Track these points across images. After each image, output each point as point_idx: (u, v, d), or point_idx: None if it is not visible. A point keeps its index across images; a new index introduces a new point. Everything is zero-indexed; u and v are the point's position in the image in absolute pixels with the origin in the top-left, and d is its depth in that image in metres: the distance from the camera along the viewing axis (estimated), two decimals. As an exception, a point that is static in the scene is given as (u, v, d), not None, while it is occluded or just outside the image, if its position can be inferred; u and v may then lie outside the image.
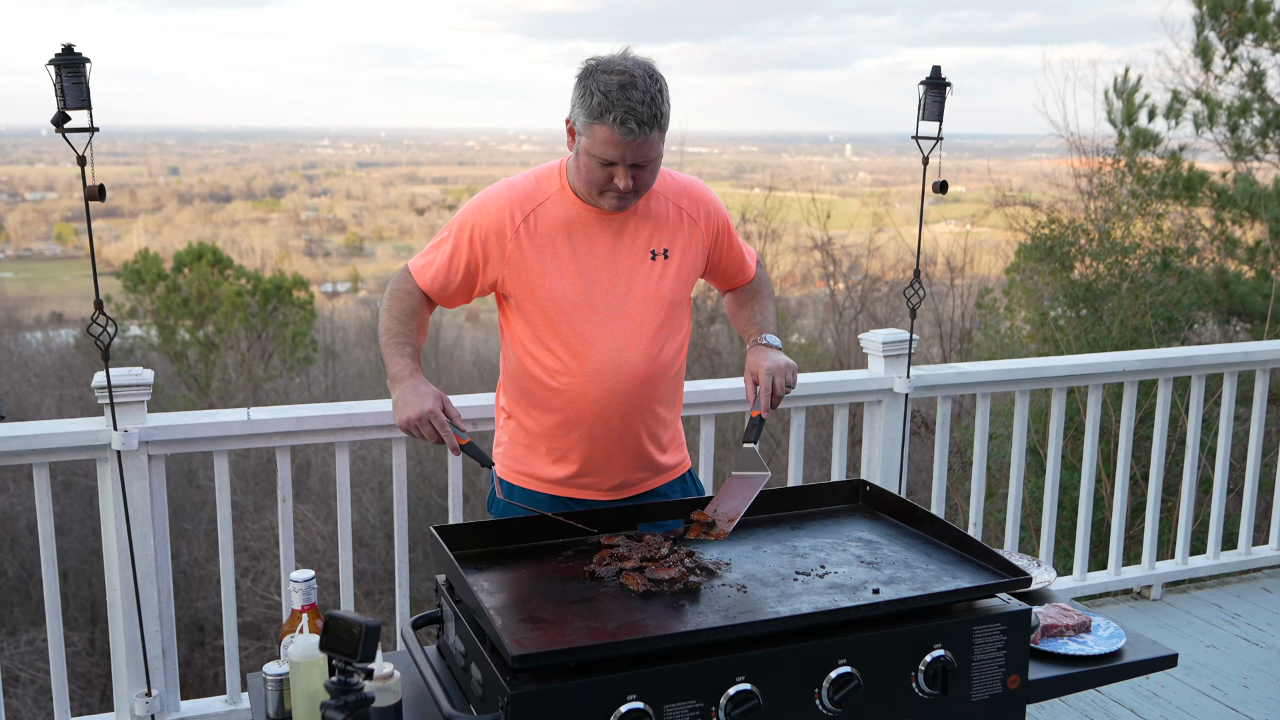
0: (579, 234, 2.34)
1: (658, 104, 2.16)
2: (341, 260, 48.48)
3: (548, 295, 2.33)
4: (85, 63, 2.50)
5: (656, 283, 2.38)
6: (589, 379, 2.36)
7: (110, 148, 58.62)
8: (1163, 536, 5.66)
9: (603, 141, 2.17)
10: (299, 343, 21.04)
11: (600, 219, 2.35)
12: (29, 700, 10.91)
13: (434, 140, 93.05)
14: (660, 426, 2.50)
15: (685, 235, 2.41)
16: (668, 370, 2.45)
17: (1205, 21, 10.21)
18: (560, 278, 2.33)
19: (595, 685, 1.67)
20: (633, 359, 2.37)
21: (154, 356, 20.29)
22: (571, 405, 2.38)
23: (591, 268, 2.34)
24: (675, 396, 2.54)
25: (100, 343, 2.70)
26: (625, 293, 2.36)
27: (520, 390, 2.45)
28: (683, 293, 2.44)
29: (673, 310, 2.42)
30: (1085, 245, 9.85)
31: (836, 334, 14.49)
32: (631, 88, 2.14)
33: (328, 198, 60.37)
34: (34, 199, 56.85)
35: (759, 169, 38.86)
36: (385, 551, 12.33)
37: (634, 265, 2.36)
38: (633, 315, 2.37)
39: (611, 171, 2.21)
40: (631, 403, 2.40)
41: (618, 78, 2.15)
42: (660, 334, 2.40)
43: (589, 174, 2.23)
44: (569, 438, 2.43)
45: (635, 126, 2.13)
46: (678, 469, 2.60)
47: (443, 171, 69.06)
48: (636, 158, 2.19)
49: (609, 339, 2.35)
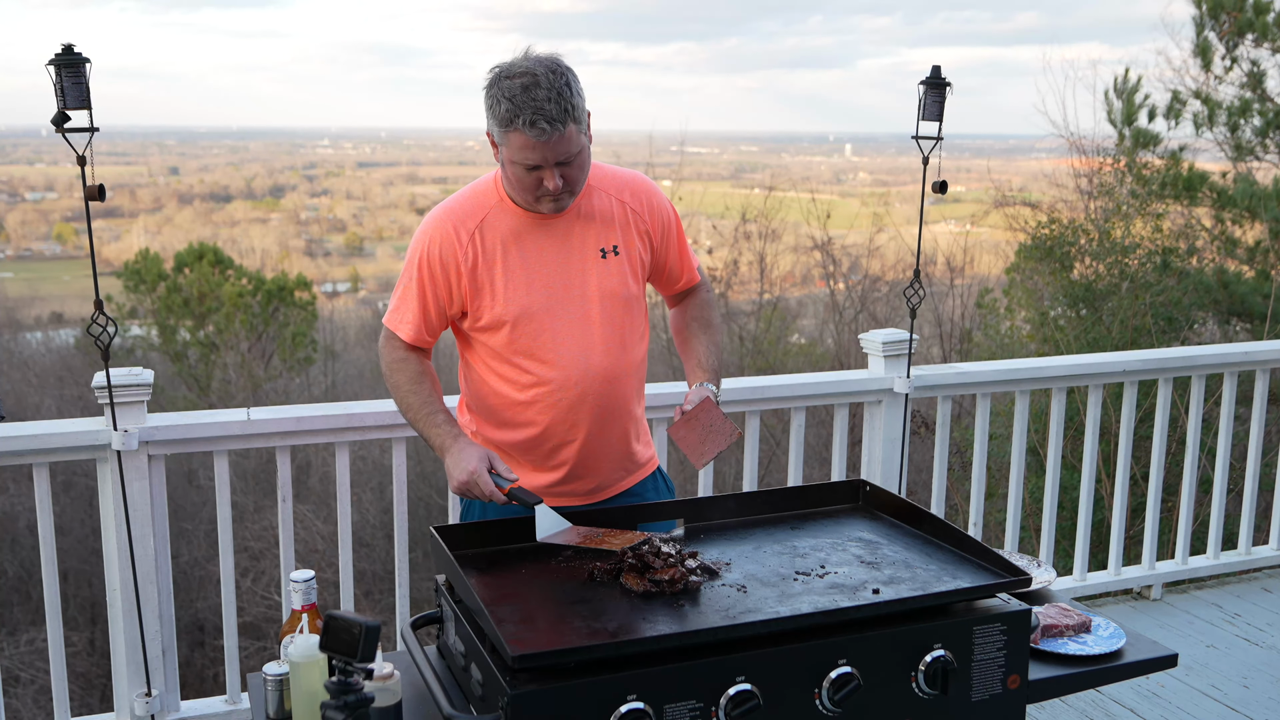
0: (527, 242, 2.32)
1: (565, 98, 2.13)
2: (341, 260, 48.46)
3: (507, 308, 2.31)
4: (85, 63, 2.50)
5: (610, 281, 2.36)
6: (559, 387, 2.34)
7: (110, 148, 58.59)
8: (1163, 536, 5.66)
9: (520, 147, 2.15)
10: (299, 343, 21.03)
11: (545, 224, 2.33)
12: (29, 700, 10.91)
13: (434, 140, 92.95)
14: (633, 423, 2.50)
15: (632, 229, 2.40)
16: (633, 367, 2.44)
17: (1205, 22, 10.20)
18: (517, 289, 2.31)
19: (595, 685, 1.67)
20: (600, 360, 2.35)
21: (154, 356, 20.29)
22: (544, 416, 2.36)
23: (545, 274, 2.32)
24: (642, 389, 2.53)
25: (100, 343, 2.70)
26: (582, 295, 2.34)
27: (487, 410, 2.43)
28: (637, 287, 2.42)
29: (631, 306, 2.40)
30: (1085, 245, 9.85)
31: (836, 334, 14.48)
32: (535, 88, 2.11)
33: (328, 198, 60.34)
34: (34, 199, 56.84)
35: (759, 169, 38.84)
36: (385, 551, 12.32)
37: (586, 266, 2.34)
38: (593, 316, 2.35)
39: (539, 175, 2.19)
40: (605, 404, 2.38)
41: (520, 80, 2.13)
42: (623, 331, 2.39)
43: (518, 181, 2.22)
44: (544, 446, 2.41)
45: (547, 126, 2.11)
46: (649, 465, 2.59)
47: (443, 171, 69.00)
48: (558, 156, 2.17)
49: (574, 344, 2.33)
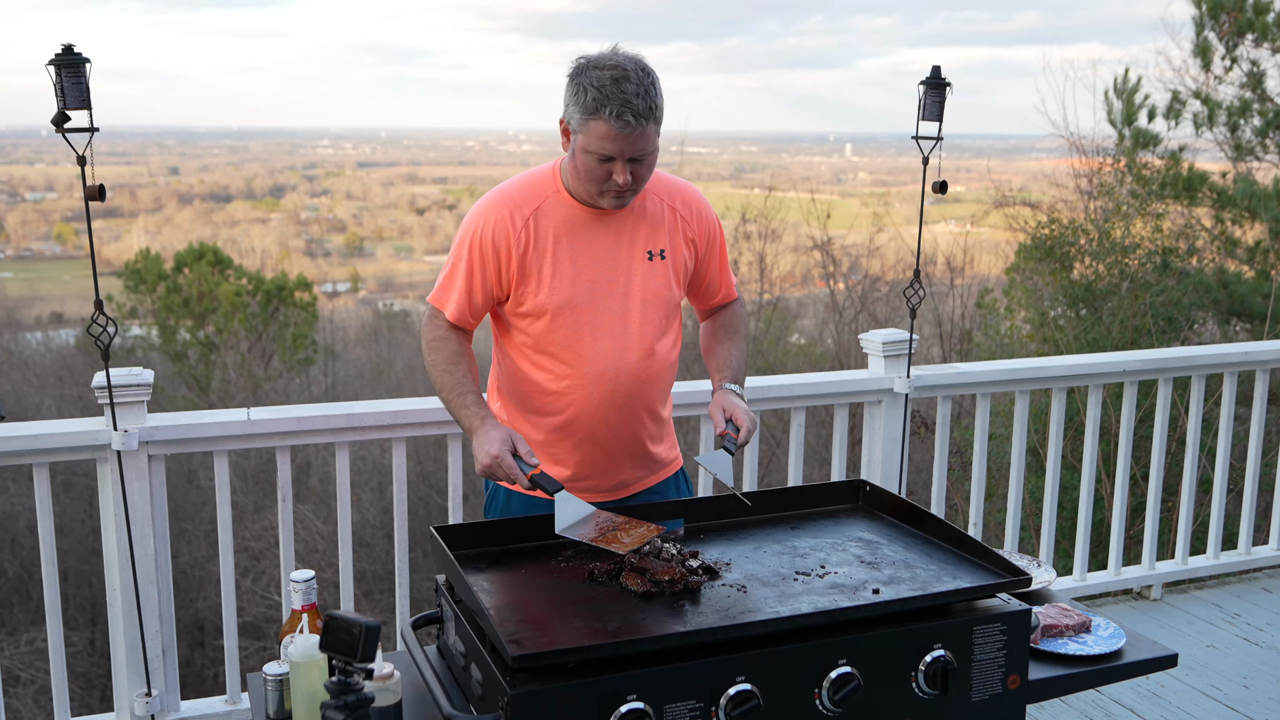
0: (579, 235, 2.34)
1: (652, 96, 2.17)
2: (341, 260, 48.45)
3: (551, 297, 2.33)
4: (85, 63, 2.50)
5: (654, 283, 2.38)
6: (591, 380, 2.36)
7: (110, 148, 58.62)
8: (1163, 536, 5.65)
9: (599, 136, 2.17)
10: (299, 343, 21.01)
11: (598, 219, 2.35)
12: (29, 700, 10.91)
13: (434, 140, 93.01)
14: (657, 425, 2.52)
15: (679, 236, 2.42)
16: (665, 370, 2.46)
17: (1205, 22, 10.20)
18: (563, 279, 2.33)
19: (595, 685, 1.68)
20: (633, 359, 2.38)
21: (154, 356, 20.28)
22: (572, 407, 2.39)
23: (591, 269, 2.34)
24: (669, 392, 2.56)
25: (100, 343, 2.70)
26: (624, 293, 2.36)
27: (518, 397, 2.45)
28: (678, 293, 2.45)
29: (669, 310, 2.43)
30: (1085, 245, 9.84)
31: (836, 334, 14.46)
32: (625, 81, 2.15)
33: (328, 198, 60.34)
34: (34, 199, 56.86)
35: (759, 169, 38.86)
36: (385, 551, 12.32)
37: (632, 265, 2.37)
38: (633, 316, 2.37)
39: (610, 168, 2.21)
40: (632, 403, 2.41)
41: (610, 72, 2.16)
42: (658, 334, 2.41)
43: (587, 172, 2.23)
44: (567, 441, 2.43)
45: (632, 119, 2.14)
46: (672, 465, 2.62)
47: (443, 171, 69.08)
48: (634, 151, 2.19)
49: (610, 340, 2.36)
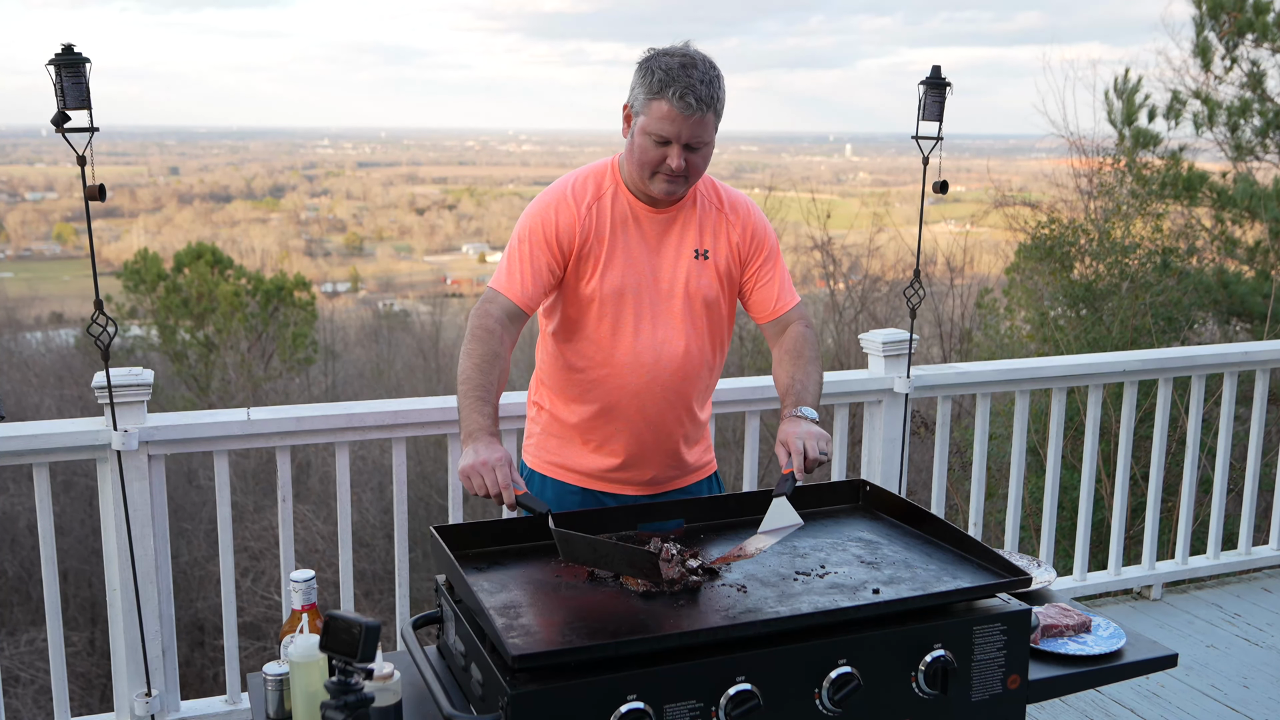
0: (633, 229, 2.40)
1: (715, 87, 2.25)
2: (341, 260, 48.45)
3: (599, 287, 2.38)
4: (85, 63, 2.50)
5: (700, 280, 2.44)
6: (629, 369, 2.41)
7: (110, 148, 58.64)
8: (1163, 536, 5.65)
9: (660, 117, 2.24)
10: (299, 343, 21.02)
11: (653, 215, 2.41)
12: (29, 700, 10.91)
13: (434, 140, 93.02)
14: (693, 424, 2.55)
15: (723, 239, 2.47)
16: (704, 368, 2.50)
17: (1205, 22, 10.20)
18: (615, 270, 2.39)
19: (595, 685, 1.67)
20: (672, 352, 2.42)
21: (154, 356, 20.28)
22: (610, 395, 2.43)
23: (643, 261, 2.41)
24: (709, 396, 2.60)
25: (100, 343, 2.70)
26: (670, 289, 2.42)
27: (559, 382, 2.50)
28: (724, 294, 2.49)
29: (713, 309, 2.47)
30: (1085, 245, 9.84)
31: (836, 334, 14.44)
32: (692, 68, 2.23)
33: (328, 198, 60.32)
34: (34, 199, 56.88)
35: (759, 169, 38.86)
36: (385, 551, 12.32)
37: (679, 261, 2.43)
38: (676, 310, 2.42)
39: (666, 151, 2.27)
40: (668, 396, 2.45)
41: (679, 59, 2.25)
42: (700, 330, 2.46)
43: (643, 154, 2.29)
44: (606, 428, 2.47)
45: (694, 102, 2.21)
46: (705, 469, 2.65)
47: (443, 171, 69.04)
48: (691, 137, 2.25)
49: (652, 331, 2.41)
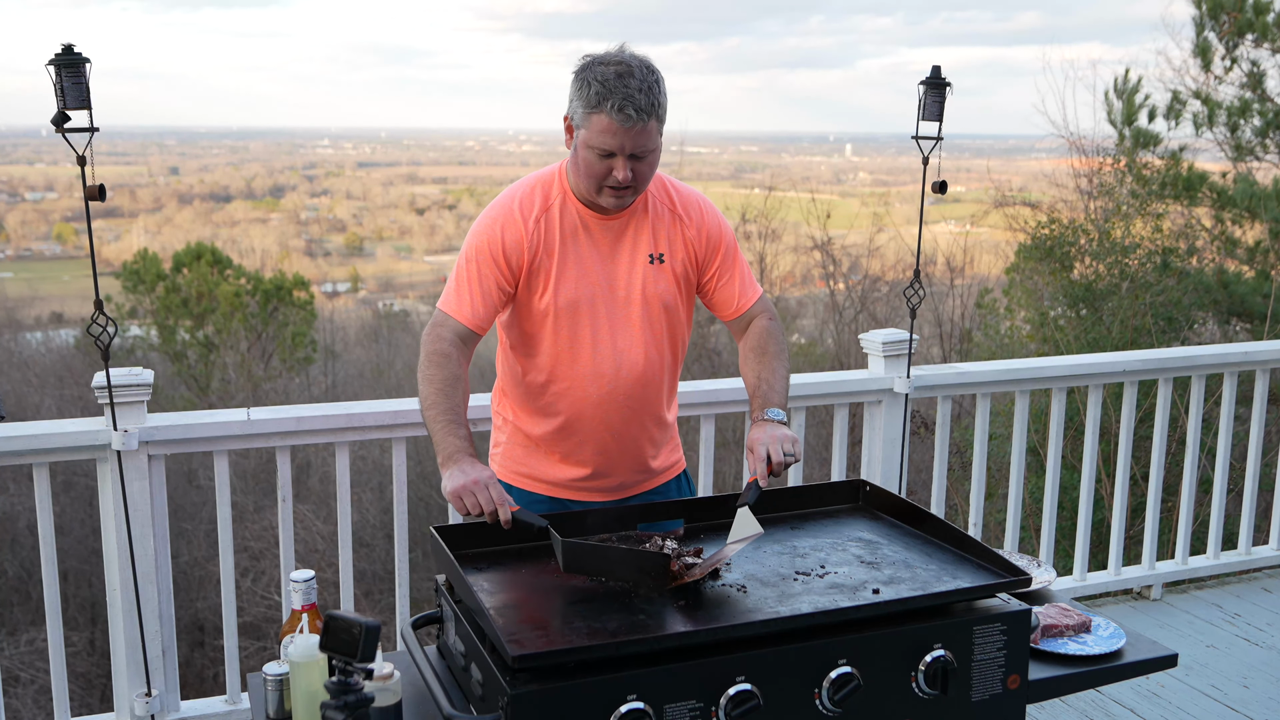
0: (583, 238, 2.35)
1: (655, 94, 2.18)
2: (341, 260, 48.42)
3: (554, 299, 2.33)
4: (85, 63, 2.50)
5: (656, 285, 2.38)
6: (590, 381, 2.37)
7: (110, 148, 58.62)
8: (1163, 536, 5.65)
9: (601, 131, 2.17)
10: (299, 343, 21.03)
11: (603, 223, 2.36)
12: (29, 700, 10.91)
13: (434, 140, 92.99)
14: (659, 428, 2.51)
15: (680, 241, 2.42)
16: (665, 373, 2.46)
17: (1205, 22, 10.20)
18: (566, 281, 2.33)
19: (595, 685, 1.67)
20: (633, 361, 2.38)
21: (154, 356, 20.28)
22: (573, 408, 2.39)
23: (597, 270, 2.35)
24: (673, 400, 2.56)
25: (100, 343, 2.70)
26: (626, 296, 2.37)
27: (520, 395, 2.46)
28: (682, 297, 2.44)
29: (672, 314, 2.42)
30: (1085, 245, 9.84)
31: (836, 334, 14.46)
32: (629, 76, 2.16)
33: (328, 198, 60.31)
34: (34, 199, 56.86)
35: (759, 169, 38.86)
36: (385, 551, 12.32)
37: (635, 268, 2.37)
38: (634, 318, 2.38)
39: (611, 164, 2.21)
40: (632, 405, 2.41)
41: (614, 68, 2.17)
42: (659, 336, 2.41)
43: (588, 168, 2.23)
44: (571, 440, 2.43)
45: (634, 113, 2.15)
46: (673, 470, 2.61)
47: (443, 171, 69.05)
48: (635, 147, 2.19)
49: (611, 341, 2.36)
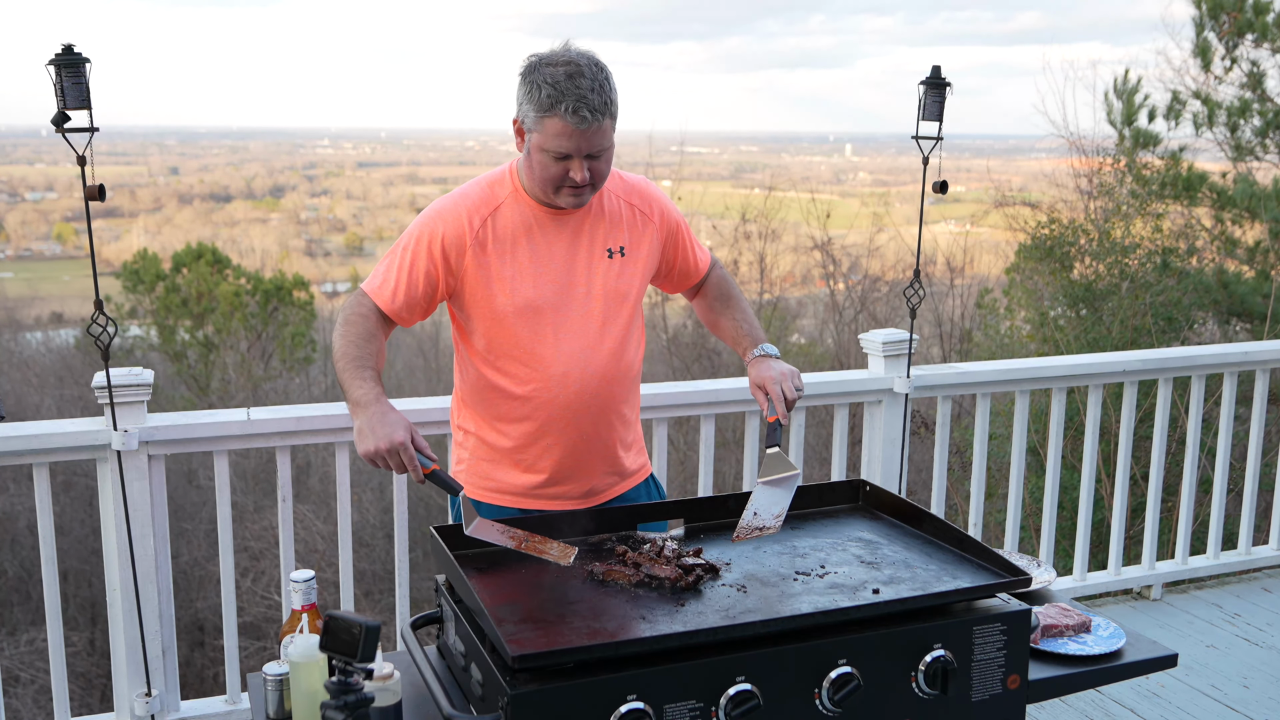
0: (537, 236, 2.31)
1: (607, 91, 2.15)
2: (341, 260, 48.38)
3: (511, 301, 2.28)
4: (85, 63, 2.50)
5: (616, 281, 2.36)
6: (556, 383, 2.32)
7: (110, 148, 58.55)
8: (1163, 536, 5.66)
9: (555, 134, 2.14)
10: (298, 343, 21.02)
11: (556, 220, 2.32)
12: (29, 700, 10.91)
13: (434, 140, 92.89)
14: (625, 428, 2.48)
15: (640, 232, 2.40)
16: (631, 370, 2.43)
17: (1205, 22, 10.20)
18: (523, 282, 2.29)
19: (595, 685, 1.67)
20: (599, 360, 2.34)
21: (154, 356, 20.28)
22: (540, 411, 2.35)
23: (552, 269, 2.31)
24: (636, 394, 2.51)
25: (100, 343, 2.70)
26: (586, 293, 2.33)
27: (483, 404, 2.40)
28: (640, 291, 2.42)
29: (633, 308, 2.40)
30: (1085, 245, 9.84)
31: (836, 334, 14.46)
32: (579, 76, 2.12)
33: (328, 198, 60.29)
34: (34, 199, 56.83)
35: (759, 169, 38.80)
36: (385, 551, 12.32)
37: (593, 264, 2.34)
38: (595, 315, 2.34)
39: (567, 165, 2.18)
40: (599, 404, 2.37)
41: (564, 68, 2.13)
42: (622, 333, 2.38)
43: (543, 171, 2.20)
44: (537, 446, 2.38)
45: (588, 114, 2.12)
46: (641, 473, 2.57)
47: (443, 171, 68.95)
48: (590, 148, 2.16)
49: (574, 340, 2.32)
